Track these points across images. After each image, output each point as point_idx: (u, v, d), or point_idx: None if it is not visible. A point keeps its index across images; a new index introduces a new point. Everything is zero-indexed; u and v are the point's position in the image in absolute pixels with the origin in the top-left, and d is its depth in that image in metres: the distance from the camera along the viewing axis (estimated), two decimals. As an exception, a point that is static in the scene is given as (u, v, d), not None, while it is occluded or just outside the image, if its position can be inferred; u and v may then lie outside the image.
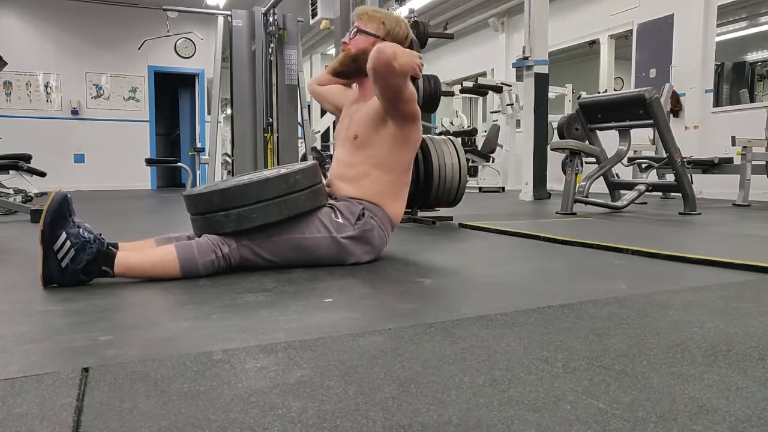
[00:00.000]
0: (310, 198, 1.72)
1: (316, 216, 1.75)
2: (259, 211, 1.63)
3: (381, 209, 1.87)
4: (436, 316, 1.17)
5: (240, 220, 1.62)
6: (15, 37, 9.07)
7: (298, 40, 6.56)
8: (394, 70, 1.70)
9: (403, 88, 1.77)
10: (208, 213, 1.65)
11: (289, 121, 6.43)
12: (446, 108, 9.94)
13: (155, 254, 1.58)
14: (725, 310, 1.22)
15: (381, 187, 1.88)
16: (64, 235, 1.44)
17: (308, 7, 6.26)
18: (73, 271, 1.45)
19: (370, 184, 1.88)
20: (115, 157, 9.58)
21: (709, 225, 3.16)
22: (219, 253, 1.62)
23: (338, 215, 1.79)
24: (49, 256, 1.43)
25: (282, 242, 1.70)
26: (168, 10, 6.62)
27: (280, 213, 1.66)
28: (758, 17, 9.02)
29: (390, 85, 1.75)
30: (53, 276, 1.45)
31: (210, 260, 1.60)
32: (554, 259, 2.01)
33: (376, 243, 1.85)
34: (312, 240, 1.73)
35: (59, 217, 1.45)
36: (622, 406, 0.71)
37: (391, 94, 1.79)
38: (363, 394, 0.76)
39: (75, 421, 0.68)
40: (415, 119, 1.89)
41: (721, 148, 5.50)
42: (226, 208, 1.63)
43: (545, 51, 5.84)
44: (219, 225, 1.64)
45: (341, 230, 1.77)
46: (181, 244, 1.60)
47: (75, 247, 1.44)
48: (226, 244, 1.64)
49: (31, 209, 3.49)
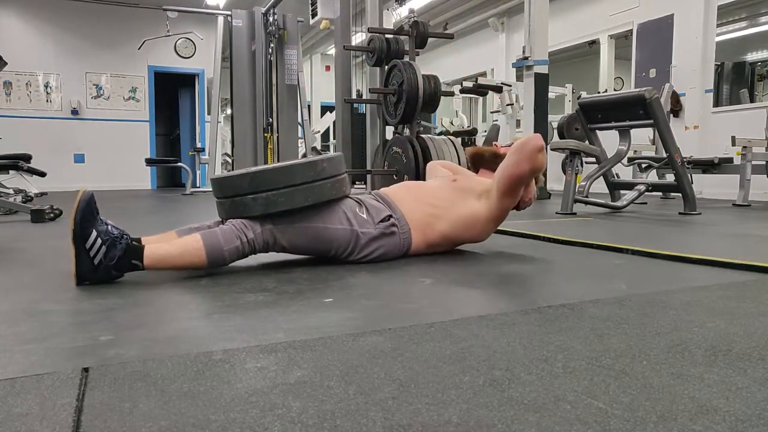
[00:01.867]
0: (335, 187, 1.76)
1: (340, 207, 1.78)
2: (286, 195, 1.66)
3: (409, 230, 1.89)
4: (436, 316, 1.17)
5: (267, 204, 1.65)
6: (15, 37, 9.07)
7: (298, 40, 6.56)
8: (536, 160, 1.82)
9: (524, 180, 1.88)
10: (237, 196, 1.68)
11: (289, 121, 6.44)
12: (446, 108, 9.93)
13: (182, 243, 1.59)
14: (725, 310, 1.22)
15: (424, 221, 1.92)
16: (95, 233, 1.45)
17: (308, 7, 6.26)
18: (106, 267, 1.47)
19: (420, 214, 1.91)
20: (115, 157, 9.58)
21: (709, 225, 3.16)
22: (244, 238, 1.63)
23: (363, 210, 1.82)
24: (81, 255, 1.45)
25: (303, 230, 1.72)
26: (168, 10, 6.63)
27: (306, 199, 1.68)
28: (758, 17, 9.01)
29: (524, 180, 1.87)
30: (86, 274, 1.46)
31: (235, 246, 1.62)
32: (554, 259, 2.01)
33: (389, 249, 1.86)
34: (333, 231, 1.75)
35: (88, 215, 1.46)
36: (622, 406, 0.71)
37: (517, 184, 1.87)
38: (363, 394, 0.76)
39: (75, 421, 0.68)
40: (495, 216, 1.95)
41: (721, 148, 5.50)
42: (254, 191, 1.66)
43: (545, 51, 5.84)
44: (246, 208, 1.67)
45: (363, 225, 1.79)
46: (207, 232, 1.62)
47: (106, 243, 1.46)
48: (251, 228, 1.65)
49: (32, 209, 3.49)
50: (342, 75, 6.04)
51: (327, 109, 10.73)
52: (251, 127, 6.24)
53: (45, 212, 3.49)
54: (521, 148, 1.81)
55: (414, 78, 4.34)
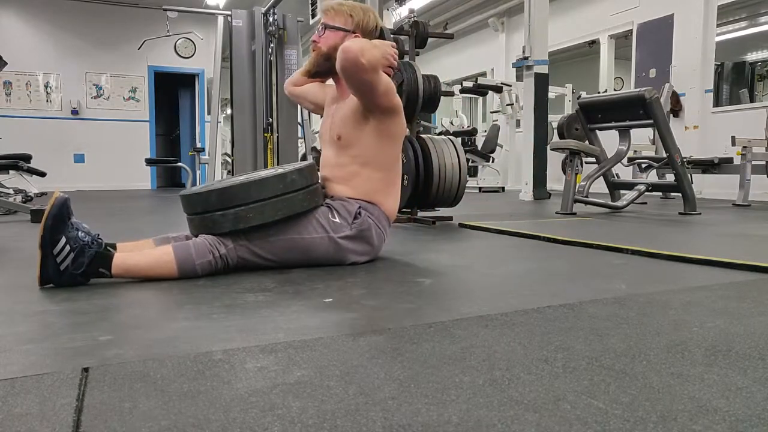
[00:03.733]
0: (307, 198, 1.72)
1: (313, 216, 1.75)
2: (255, 210, 1.63)
3: (377, 207, 1.86)
4: (436, 316, 1.17)
5: (237, 220, 1.62)
6: (15, 37, 9.07)
7: (298, 40, 6.56)
8: (363, 67, 1.67)
9: (375, 83, 1.74)
10: (205, 213, 1.65)
11: (289, 121, 6.43)
12: (446, 108, 9.93)
13: (152, 255, 1.58)
14: (725, 310, 1.22)
15: (373, 184, 1.87)
16: (64, 240, 1.44)
17: (308, 7, 6.26)
18: (71, 274, 1.46)
19: (361, 183, 1.86)
20: (115, 157, 9.58)
21: (709, 225, 3.16)
22: (216, 253, 1.62)
23: (335, 215, 1.78)
24: (47, 259, 1.44)
25: (279, 242, 1.70)
26: (168, 10, 6.63)
27: (276, 213, 1.65)
28: (758, 17, 9.02)
29: (362, 82, 1.73)
30: (50, 278, 1.46)
31: (207, 261, 1.60)
32: (554, 259, 2.01)
33: (374, 241, 1.85)
34: (309, 240, 1.73)
35: (59, 221, 1.45)
36: (622, 406, 0.71)
37: (365, 91, 1.76)
38: (363, 394, 0.76)
39: (75, 421, 0.68)
40: (394, 112, 1.86)
41: (721, 148, 5.50)
42: (223, 207, 1.63)
43: (545, 51, 5.84)
44: (216, 225, 1.64)
45: (338, 230, 1.76)
46: (179, 245, 1.60)
47: (75, 250, 1.45)
48: (223, 244, 1.63)
49: (31, 209, 3.49)
50: (342, 75, 6.01)
51: (327, 109, 10.70)
52: (251, 127, 6.24)
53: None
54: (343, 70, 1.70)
55: (414, 78, 4.33)
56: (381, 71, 1.76)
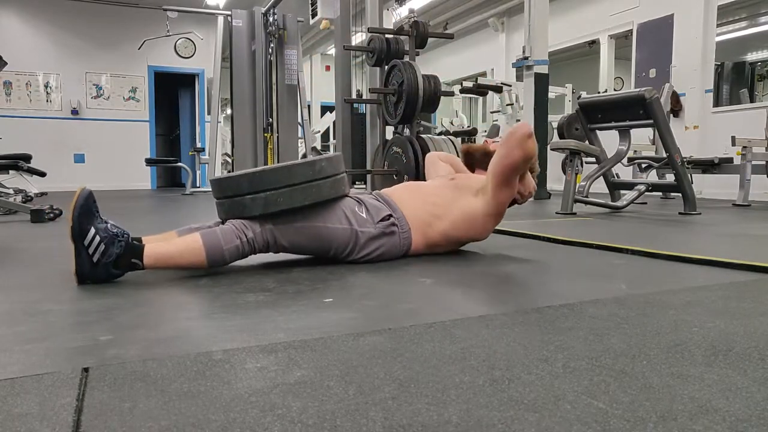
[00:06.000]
0: (334, 186, 1.75)
1: (340, 206, 1.78)
2: (285, 195, 1.66)
3: (409, 229, 1.89)
4: (436, 316, 1.17)
5: (267, 204, 1.65)
6: (15, 37, 9.06)
7: (298, 40, 6.56)
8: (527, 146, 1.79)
9: (518, 169, 1.84)
10: (236, 196, 1.68)
11: (289, 121, 6.44)
12: (446, 108, 9.93)
13: (182, 243, 1.60)
14: (725, 310, 1.22)
15: (424, 221, 1.91)
16: (93, 230, 1.45)
17: (308, 7, 6.26)
18: (105, 265, 1.47)
19: (421, 213, 1.91)
20: (115, 157, 9.58)
21: (709, 225, 3.16)
22: (244, 238, 1.63)
23: (363, 210, 1.82)
24: (80, 252, 1.45)
25: (303, 229, 1.72)
26: (168, 10, 6.63)
27: (305, 199, 1.68)
28: (758, 17, 9.01)
29: (517, 169, 1.83)
30: (85, 271, 1.46)
31: (235, 246, 1.62)
32: (554, 260, 2.01)
33: (389, 249, 1.86)
34: (333, 230, 1.75)
35: (87, 212, 1.46)
36: (622, 406, 0.71)
37: (510, 174, 1.84)
38: (363, 394, 0.76)
39: (75, 421, 0.68)
40: (493, 211, 1.93)
41: (721, 148, 5.50)
42: (253, 191, 1.66)
43: (545, 51, 5.84)
44: (246, 208, 1.67)
45: (363, 224, 1.79)
46: (206, 232, 1.62)
47: (104, 241, 1.46)
48: (250, 228, 1.65)
49: (31, 209, 3.49)
50: (342, 75, 6.04)
51: (327, 109, 10.73)
52: (251, 127, 6.24)
53: (45, 212, 3.48)
54: (510, 137, 1.80)
55: (414, 78, 4.34)
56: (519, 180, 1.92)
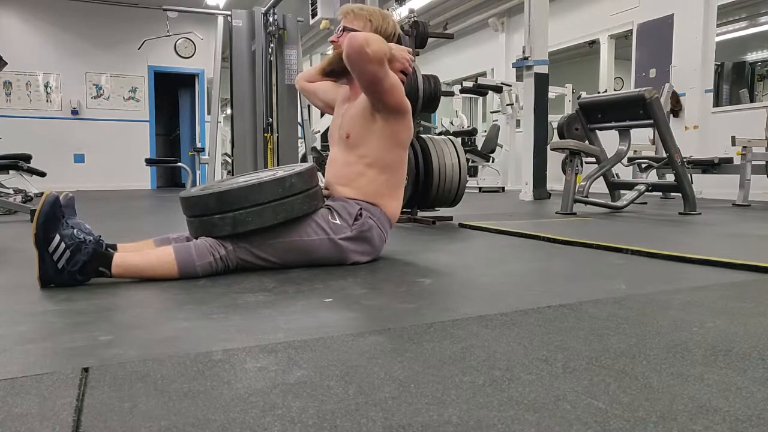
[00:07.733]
0: (306, 202, 1.72)
1: (312, 218, 1.75)
2: (254, 214, 1.63)
3: (378, 209, 1.87)
4: (436, 316, 1.17)
5: (235, 224, 1.62)
6: (15, 37, 9.06)
7: (298, 40, 6.55)
8: (367, 56, 1.69)
9: (380, 76, 1.75)
10: (204, 216, 1.65)
11: (289, 121, 6.43)
12: (446, 108, 9.93)
13: (153, 255, 1.58)
14: (725, 310, 1.22)
15: (377, 186, 1.87)
16: (58, 237, 1.44)
17: (308, 7, 6.25)
18: (70, 272, 1.46)
19: (366, 184, 1.87)
20: (115, 157, 9.58)
21: (709, 225, 3.16)
22: (217, 255, 1.62)
23: (335, 216, 1.79)
24: (44, 258, 1.44)
25: (279, 245, 1.71)
26: (168, 10, 6.63)
27: (275, 217, 1.65)
28: (758, 17, 9.01)
29: (365, 72, 1.74)
30: (50, 277, 1.46)
31: (208, 262, 1.60)
32: (554, 259, 2.01)
33: (375, 243, 1.85)
34: (310, 242, 1.73)
35: (51, 219, 1.45)
36: (622, 406, 0.71)
37: (368, 82, 1.77)
38: (363, 394, 0.76)
39: (75, 421, 0.68)
40: (401, 113, 1.86)
41: (721, 148, 5.50)
42: (221, 211, 1.62)
43: (545, 51, 5.84)
44: (215, 228, 1.64)
45: (339, 231, 1.77)
46: (179, 246, 1.60)
47: (70, 248, 1.44)
48: (223, 246, 1.64)
49: (31, 209, 3.49)
50: (342, 75, 6.01)
51: (327, 109, 10.70)
52: (251, 127, 6.24)
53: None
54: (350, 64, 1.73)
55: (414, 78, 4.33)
56: (388, 68, 1.78)
